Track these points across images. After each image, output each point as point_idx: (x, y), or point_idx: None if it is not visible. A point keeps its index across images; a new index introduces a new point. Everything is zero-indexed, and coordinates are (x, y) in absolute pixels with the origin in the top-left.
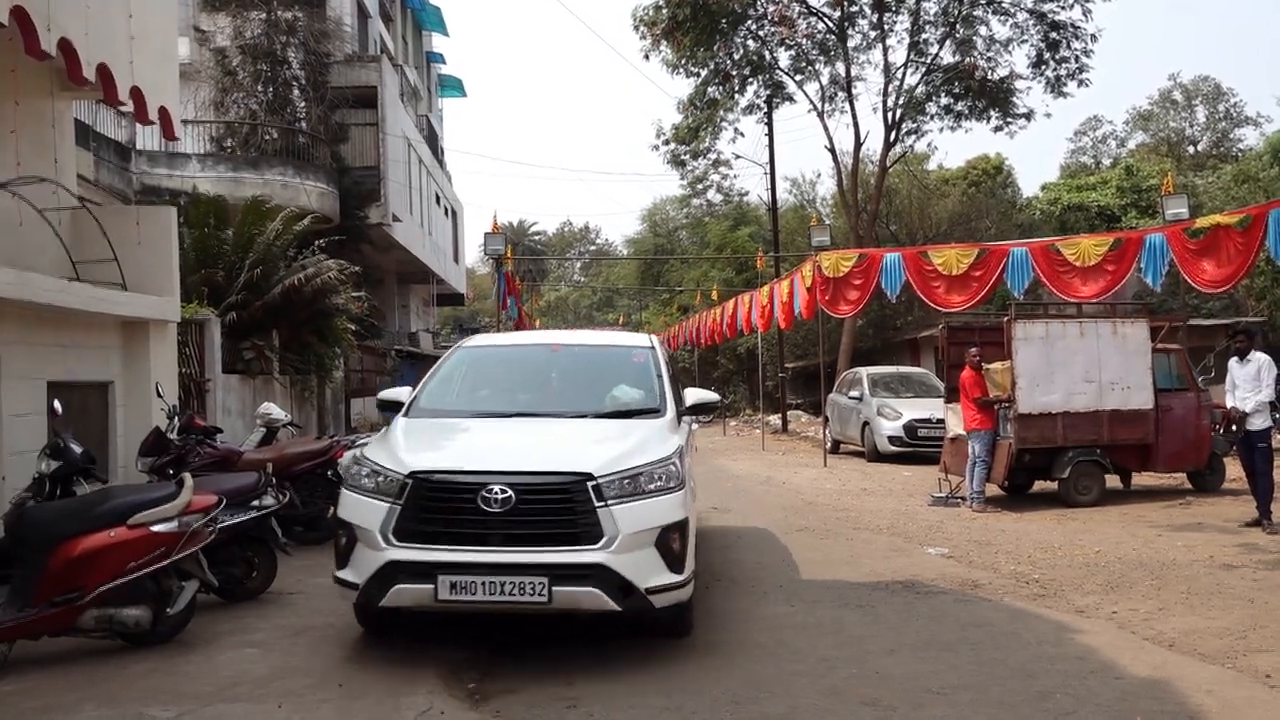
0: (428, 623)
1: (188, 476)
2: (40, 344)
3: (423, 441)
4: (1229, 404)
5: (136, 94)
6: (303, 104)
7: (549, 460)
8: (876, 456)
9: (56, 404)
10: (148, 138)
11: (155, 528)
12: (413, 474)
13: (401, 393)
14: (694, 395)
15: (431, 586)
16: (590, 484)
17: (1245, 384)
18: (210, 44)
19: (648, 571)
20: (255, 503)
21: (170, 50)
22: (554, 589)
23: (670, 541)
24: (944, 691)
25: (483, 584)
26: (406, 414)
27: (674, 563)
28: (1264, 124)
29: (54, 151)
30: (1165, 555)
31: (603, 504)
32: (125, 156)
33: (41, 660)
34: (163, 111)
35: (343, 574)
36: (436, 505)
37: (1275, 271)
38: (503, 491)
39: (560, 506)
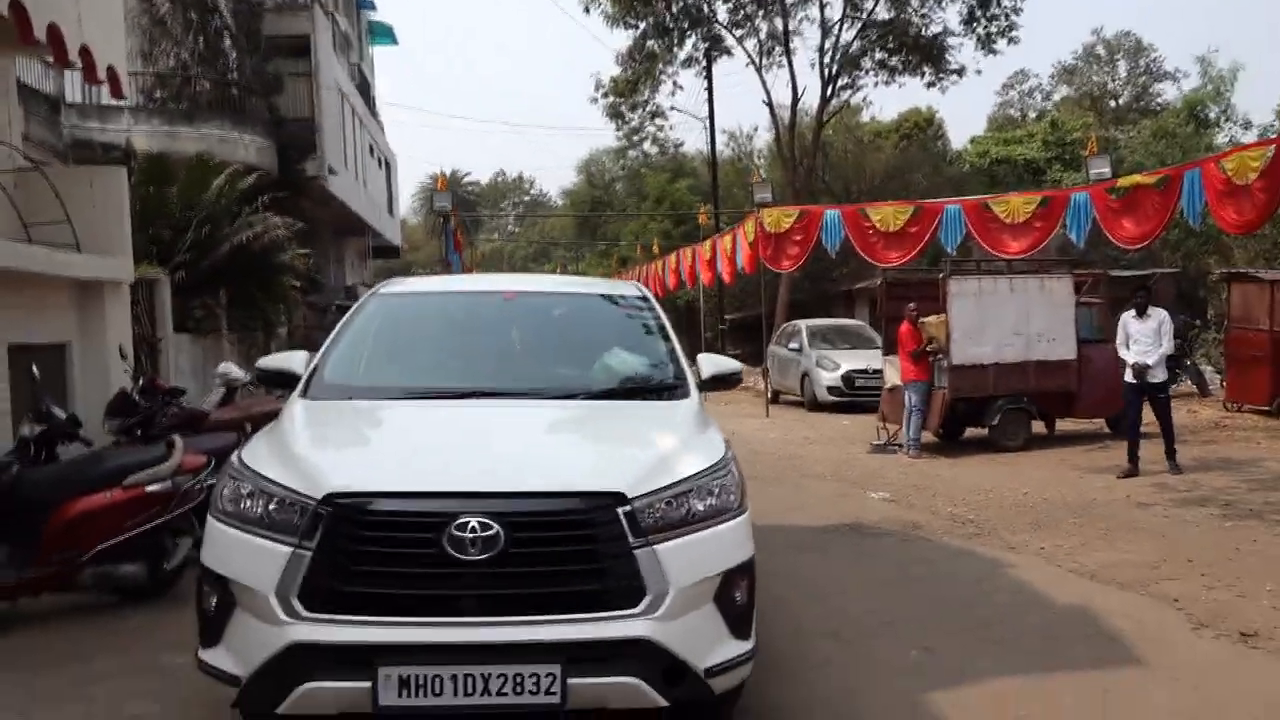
0: None
1: (178, 438)
2: None
3: (340, 438)
4: (1125, 358)
5: (85, 53)
6: (235, 54)
7: (553, 473)
8: (815, 406)
9: (35, 368)
10: (75, 89)
11: (150, 488)
12: (331, 497)
13: (294, 359)
14: (711, 364)
15: (369, 685)
16: (622, 509)
17: (1145, 339)
18: None
19: (708, 643)
20: None
21: (115, 8)
22: (569, 682)
23: (735, 593)
24: (894, 623)
25: (454, 679)
26: (305, 393)
27: (740, 625)
28: (1182, 79)
29: (5, 113)
30: (1086, 495)
31: (641, 541)
32: (55, 110)
33: (44, 616)
34: (111, 70)
35: (210, 657)
36: (375, 551)
37: (1188, 225)
38: (484, 526)
39: (577, 549)
